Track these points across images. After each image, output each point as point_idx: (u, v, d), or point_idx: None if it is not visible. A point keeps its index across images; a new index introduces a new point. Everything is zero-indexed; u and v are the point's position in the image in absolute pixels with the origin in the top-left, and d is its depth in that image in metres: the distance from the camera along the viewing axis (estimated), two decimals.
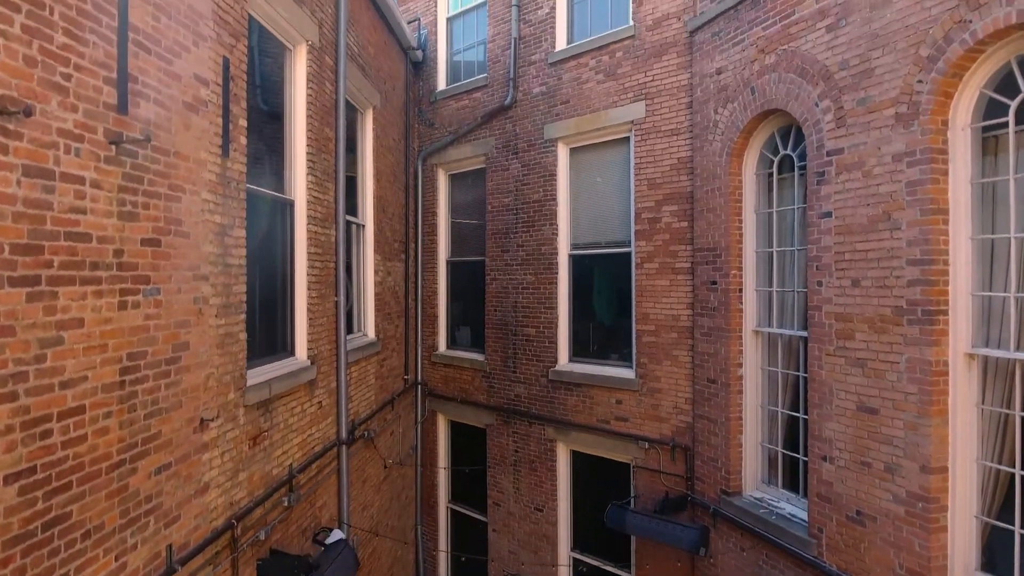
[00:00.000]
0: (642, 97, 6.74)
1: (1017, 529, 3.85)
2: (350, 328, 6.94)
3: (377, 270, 7.57)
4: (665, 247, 6.55)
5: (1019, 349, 3.85)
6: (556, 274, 7.58)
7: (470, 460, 8.85)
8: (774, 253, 5.61)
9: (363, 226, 7.37)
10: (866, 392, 4.44)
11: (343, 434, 6.03)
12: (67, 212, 2.76)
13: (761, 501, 5.60)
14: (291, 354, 5.34)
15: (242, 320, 4.28)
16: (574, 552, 7.60)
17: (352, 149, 7.09)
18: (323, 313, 5.71)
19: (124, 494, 3.13)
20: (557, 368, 7.52)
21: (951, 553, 4.03)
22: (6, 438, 2.46)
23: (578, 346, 7.58)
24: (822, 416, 4.79)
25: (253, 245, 4.52)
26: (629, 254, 6.97)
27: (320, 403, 5.64)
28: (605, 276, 7.37)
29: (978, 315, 4.04)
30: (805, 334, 5.11)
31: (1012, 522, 3.88)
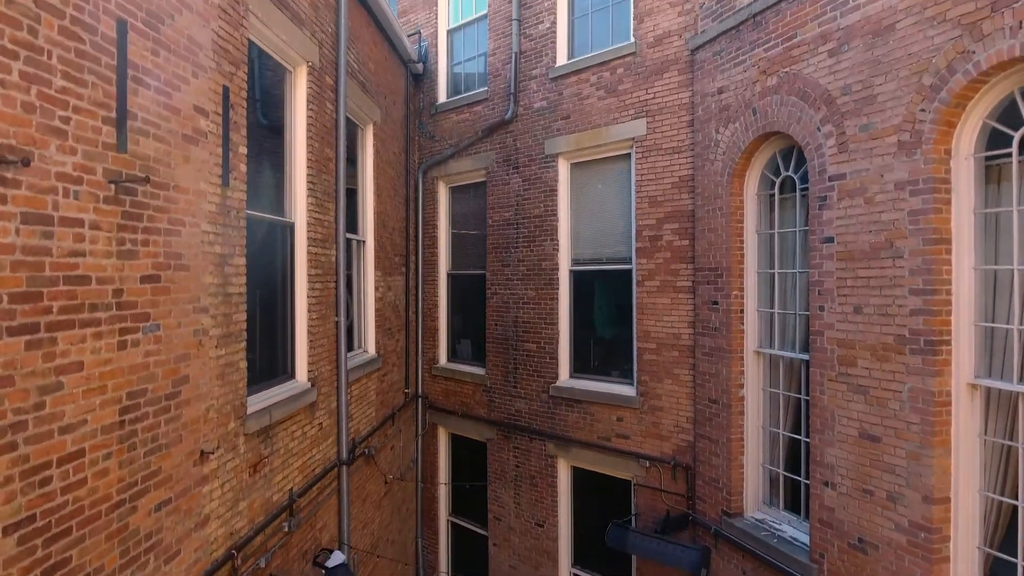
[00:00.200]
0: (643, 114, 6.73)
1: (1020, 561, 3.83)
2: (350, 345, 6.92)
3: (378, 286, 7.56)
4: (666, 265, 6.53)
5: (1022, 381, 3.83)
6: (557, 289, 7.57)
7: (471, 473, 8.85)
8: (775, 274, 5.60)
9: (363, 242, 7.36)
10: (868, 419, 4.43)
11: (344, 454, 6.02)
12: (66, 256, 2.75)
13: (763, 523, 5.59)
14: (292, 377, 5.33)
15: (242, 348, 4.27)
16: (575, 568, 7.59)
17: (352, 165, 7.07)
18: (324, 334, 5.70)
19: (124, 534, 3.12)
20: (558, 384, 7.51)
21: None
22: (5, 489, 2.45)
23: (579, 362, 7.56)
24: (824, 441, 4.77)
25: (253, 271, 4.51)
26: (630, 271, 6.96)
27: (321, 424, 5.63)
28: (606, 292, 7.36)
29: (981, 345, 4.02)
30: (807, 357, 5.10)
31: (1015, 554, 3.87)
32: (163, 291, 3.42)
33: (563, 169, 7.56)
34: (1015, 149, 3.84)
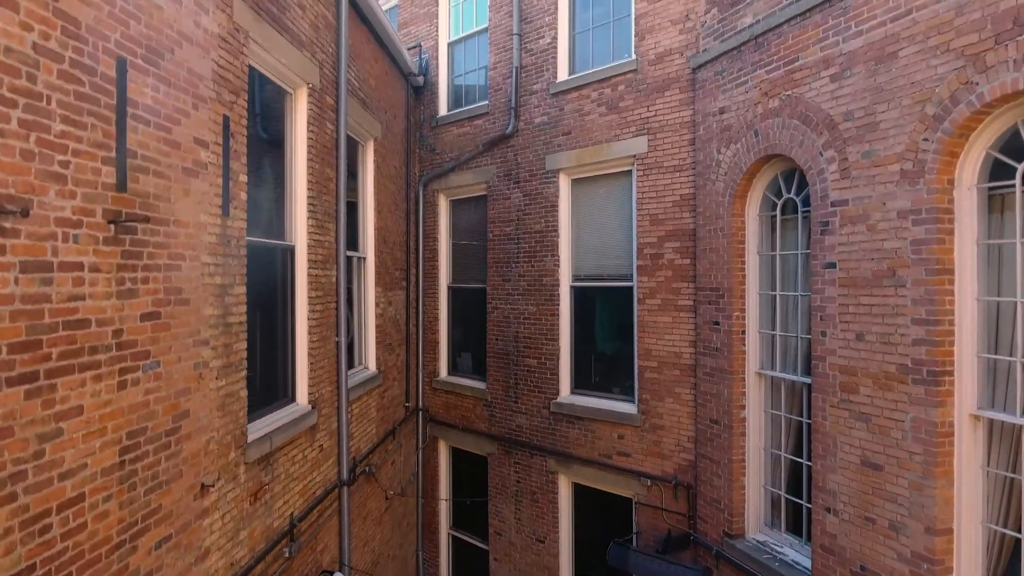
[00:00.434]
0: (644, 132, 6.71)
1: None
2: (351, 362, 6.92)
3: (378, 302, 7.55)
4: (667, 283, 6.52)
5: None
6: (558, 305, 7.55)
7: (471, 486, 8.84)
8: (777, 296, 5.58)
9: (364, 258, 7.34)
10: (870, 447, 4.41)
11: (344, 474, 6.00)
12: (66, 301, 2.73)
13: (764, 545, 5.57)
14: (292, 400, 5.32)
15: (243, 377, 4.25)
16: None
17: (353, 180, 7.06)
18: (324, 355, 5.68)
19: (124, 575, 3.11)
20: (559, 400, 7.50)
21: None
22: (5, 540, 2.44)
23: (580, 378, 7.55)
24: (826, 467, 4.76)
25: (254, 297, 4.50)
26: (631, 288, 6.94)
27: (321, 446, 5.62)
28: (607, 309, 7.34)
29: (983, 376, 4.01)
30: (808, 381, 5.08)
31: None
32: (163, 327, 3.40)
33: (564, 185, 7.55)
34: (1018, 181, 3.82)
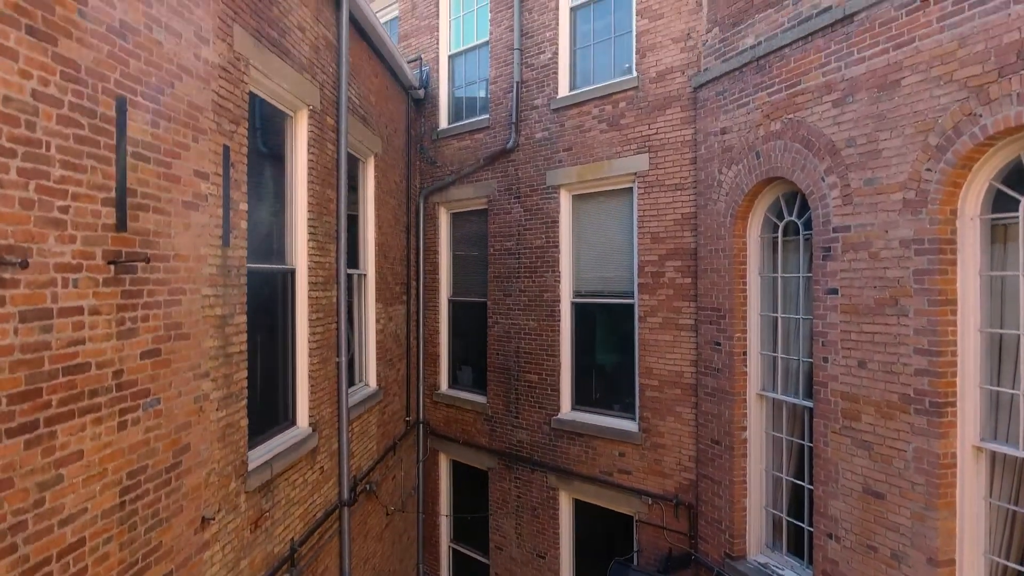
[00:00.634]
0: (645, 149, 6.69)
1: None
2: (351, 379, 6.92)
3: (379, 318, 7.54)
4: (668, 302, 6.50)
5: None
6: (559, 321, 7.54)
7: (472, 499, 8.83)
8: (779, 318, 5.57)
9: (364, 275, 7.33)
10: (872, 476, 4.40)
11: (345, 495, 5.99)
12: (65, 347, 2.72)
13: (766, 567, 5.56)
14: (293, 423, 5.31)
15: (243, 406, 4.24)
16: None
17: (353, 196, 7.04)
18: (324, 376, 5.67)
19: None
20: (559, 416, 7.49)
21: None
22: None
23: (580, 394, 7.54)
24: (827, 493, 4.75)
25: (254, 323, 4.49)
26: (632, 306, 6.93)
27: (322, 469, 5.61)
28: (608, 326, 7.33)
29: (986, 407, 4.00)
30: (810, 404, 5.07)
31: None
32: (164, 364, 3.39)
33: (565, 201, 7.53)
34: (1021, 213, 3.80)
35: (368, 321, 7.37)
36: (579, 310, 7.53)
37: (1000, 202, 3.94)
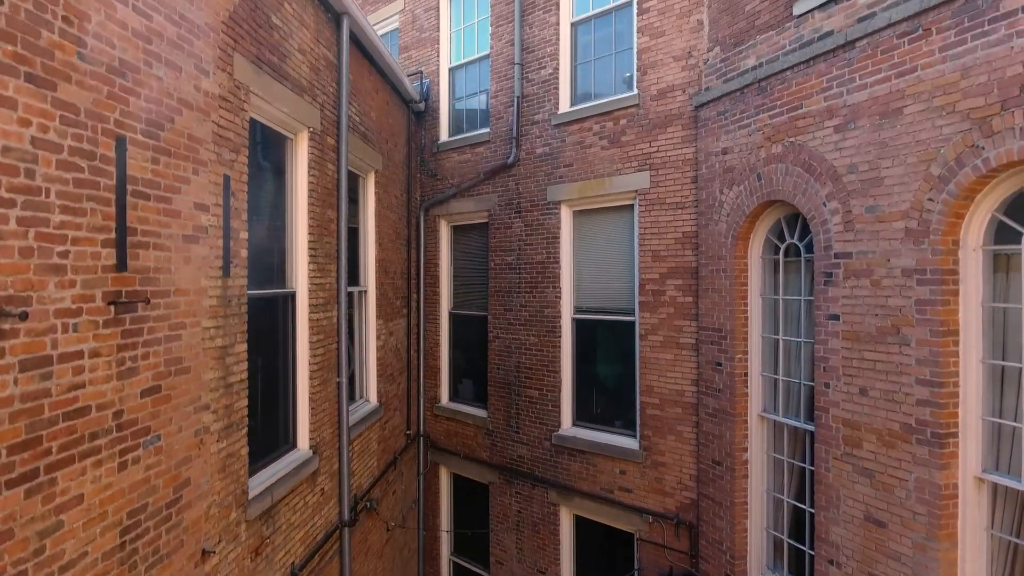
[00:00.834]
0: (646, 167, 6.68)
1: None
2: (352, 395, 6.92)
3: (379, 334, 7.53)
4: (669, 321, 6.49)
5: None
6: (559, 337, 7.53)
7: (473, 513, 8.82)
8: (780, 341, 5.55)
9: (365, 291, 7.33)
10: (874, 504, 4.39)
11: (345, 515, 5.99)
12: (65, 392, 2.72)
13: None
14: (293, 446, 5.30)
15: (244, 435, 4.24)
16: None
17: (354, 210, 7.03)
18: (325, 398, 5.67)
19: None
20: (560, 433, 7.48)
21: None
22: None
23: (581, 410, 7.53)
24: (829, 519, 4.74)
25: (254, 350, 4.48)
26: (633, 323, 6.92)
27: (323, 490, 5.61)
28: (609, 342, 7.32)
29: (988, 438, 3.99)
30: (811, 428, 5.06)
31: None
32: (164, 400, 3.39)
33: (566, 216, 7.52)
34: None
35: (369, 338, 7.36)
36: (580, 326, 7.52)
37: (1003, 233, 3.93)
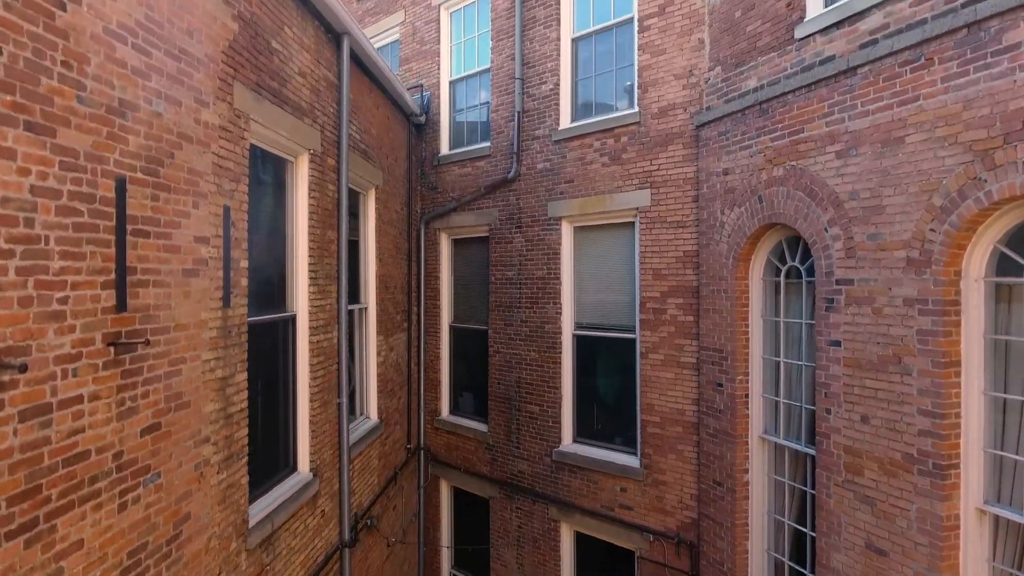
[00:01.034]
0: (647, 185, 6.67)
1: None
2: (352, 411, 6.91)
3: (380, 350, 7.52)
4: (670, 339, 6.48)
5: None
6: (560, 353, 7.52)
7: (473, 527, 8.82)
8: (781, 363, 5.54)
9: (365, 308, 7.32)
10: (875, 532, 4.39)
11: (346, 535, 5.98)
12: (65, 438, 2.71)
13: None
14: (293, 469, 5.29)
15: (244, 465, 4.23)
16: None
17: (354, 224, 7.02)
18: (325, 419, 5.66)
19: None
20: (561, 449, 7.47)
21: None
22: None
23: (582, 427, 7.53)
24: (830, 545, 4.73)
25: (254, 376, 4.47)
26: (634, 341, 6.91)
27: (323, 512, 5.60)
28: (609, 359, 7.31)
29: (990, 470, 3.97)
30: (812, 452, 5.05)
31: None
32: (164, 436, 3.38)
33: (567, 232, 7.51)
34: None
35: (369, 354, 7.36)
36: (580, 342, 7.51)
37: (1005, 264, 3.92)
